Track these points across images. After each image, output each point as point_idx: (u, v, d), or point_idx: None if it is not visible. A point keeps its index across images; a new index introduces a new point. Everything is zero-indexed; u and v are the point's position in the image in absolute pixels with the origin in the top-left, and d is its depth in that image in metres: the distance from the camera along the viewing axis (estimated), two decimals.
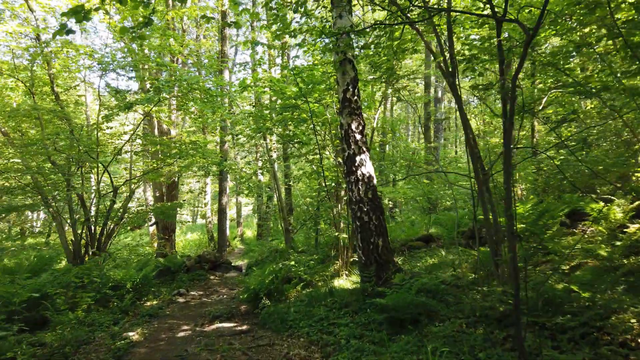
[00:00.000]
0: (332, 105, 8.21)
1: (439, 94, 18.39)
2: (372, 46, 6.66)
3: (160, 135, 13.27)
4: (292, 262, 7.74)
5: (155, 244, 15.61)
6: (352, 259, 7.73)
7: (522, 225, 5.41)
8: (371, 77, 8.97)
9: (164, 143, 10.83)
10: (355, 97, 6.81)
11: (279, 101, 9.12)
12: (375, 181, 6.66)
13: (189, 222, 35.80)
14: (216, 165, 11.05)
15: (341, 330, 5.02)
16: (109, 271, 7.99)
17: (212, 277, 10.37)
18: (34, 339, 5.71)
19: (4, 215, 11.37)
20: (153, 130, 13.67)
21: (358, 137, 6.68)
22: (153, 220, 19.69)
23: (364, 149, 6.68)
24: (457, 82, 5.60)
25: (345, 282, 7.21)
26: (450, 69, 5.65)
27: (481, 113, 14.35)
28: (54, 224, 11.36)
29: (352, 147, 6.63)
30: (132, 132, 10.73)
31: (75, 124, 9.68)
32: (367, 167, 6.61)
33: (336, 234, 7.35)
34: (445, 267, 7.20)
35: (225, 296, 8.56)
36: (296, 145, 9.34)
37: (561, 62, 5.45)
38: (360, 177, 6.51)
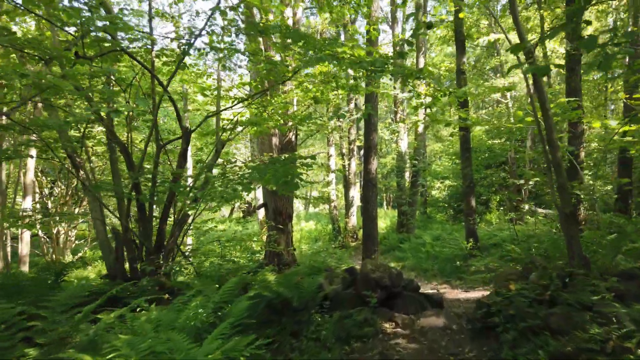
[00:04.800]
0: None
1: None
2: None
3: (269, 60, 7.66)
4: None
5: (264, 237, 10.45)
6: None
7: None
8: None
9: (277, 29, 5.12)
10: None
11: None
12: None
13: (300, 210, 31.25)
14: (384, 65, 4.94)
15: None
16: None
17: (388, 327, 4.33)
18: None
19: None
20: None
21: None
22: (261, 201, 14.75)
23: None
24: None
25: None
26: None
27: None
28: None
29: None
30: (212, 10, 5.23)
31: None
32: None
33: None
34: None
35: None
36: None
37: None
38: None
